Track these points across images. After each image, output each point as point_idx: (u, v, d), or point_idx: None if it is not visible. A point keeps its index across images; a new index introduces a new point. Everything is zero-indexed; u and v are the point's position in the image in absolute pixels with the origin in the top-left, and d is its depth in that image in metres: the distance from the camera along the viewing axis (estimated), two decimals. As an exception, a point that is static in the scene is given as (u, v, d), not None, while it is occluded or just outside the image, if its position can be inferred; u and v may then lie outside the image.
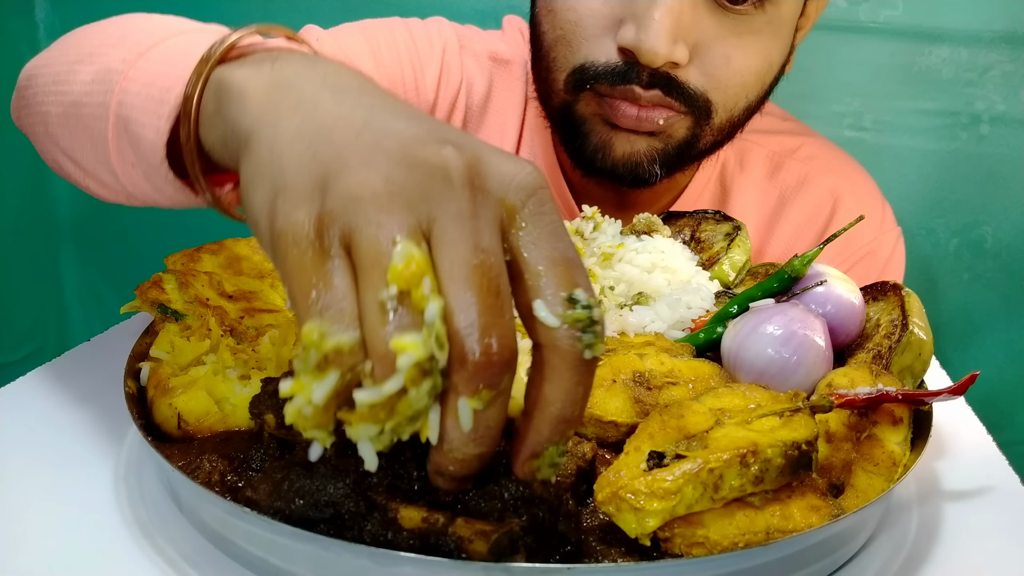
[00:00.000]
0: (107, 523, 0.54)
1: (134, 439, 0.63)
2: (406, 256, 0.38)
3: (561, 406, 0.41)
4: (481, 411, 0.39)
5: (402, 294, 0.38)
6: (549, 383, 0.41)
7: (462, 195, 0.40)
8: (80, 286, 1.88)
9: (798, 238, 1.10)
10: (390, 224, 0.39)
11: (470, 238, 0.39)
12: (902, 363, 0.63)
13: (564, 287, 0.40)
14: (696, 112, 0.91)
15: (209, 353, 0.64)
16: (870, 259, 1.09)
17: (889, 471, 0.55)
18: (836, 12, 1.51)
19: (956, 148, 1.55)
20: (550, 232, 0.41)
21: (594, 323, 0.40)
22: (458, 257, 0.39)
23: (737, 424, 0.50)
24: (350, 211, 0.39)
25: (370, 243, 0.39)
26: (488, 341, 0.38)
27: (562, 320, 0.40)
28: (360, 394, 0.38)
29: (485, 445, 0.41)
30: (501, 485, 0.45)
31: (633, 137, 0.92)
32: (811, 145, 1.14)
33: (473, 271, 0.39)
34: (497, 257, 0.40)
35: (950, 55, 1.50)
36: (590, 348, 0.40)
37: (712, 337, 0.68)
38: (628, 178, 0.95)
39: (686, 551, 0.46)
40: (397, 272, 0.38)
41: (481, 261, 0.39)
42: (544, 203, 0.42)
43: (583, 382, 0.41)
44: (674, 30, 0.83)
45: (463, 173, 0.40)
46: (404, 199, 0.40)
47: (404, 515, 0.44)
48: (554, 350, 0.41)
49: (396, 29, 1.07)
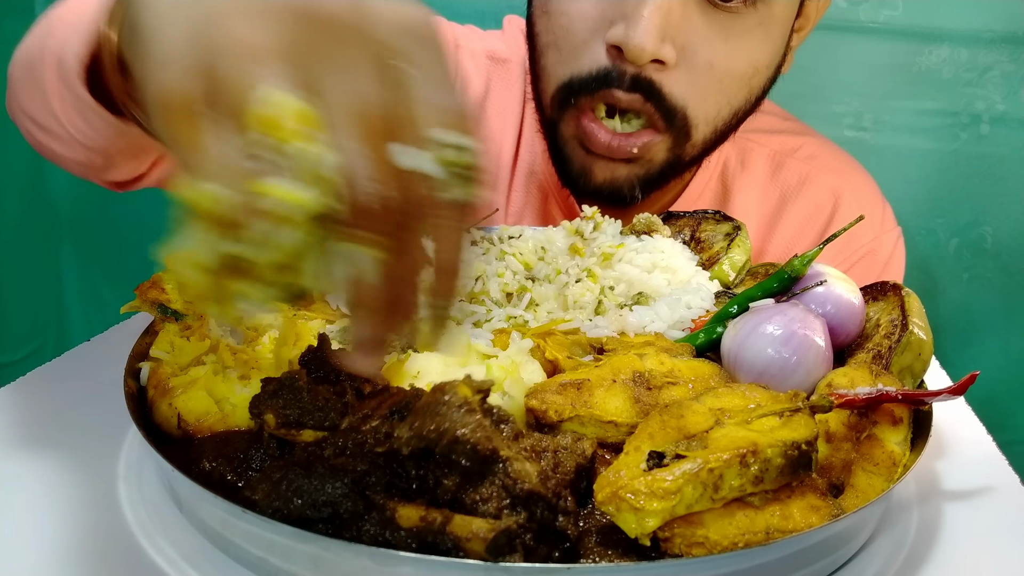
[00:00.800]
0: (107, 523, 0.54)
1: (134, 439, 0.63)
2: (267, 101, 0.38)
3: (451, 251, 0.43)
4: (388, 262, 0.39)
5: (265, 138, 0.37)
6: (434, 229, 0.42)
7: (344, 43, 0.39)
8: (80, 286, 1.88)
9: (799, 237, 1.11)
10: (257, 73, 0.39)
11: (353, 86, 0.39)
12: (902, 363, 0.63)
13: (445, 129, 0.40)
14: (673, 130, 0.91)
15: (209, 353, 0.64)
16: (870, 258, 1.09)
17: (889, 471, 0.55)
18: (836, 12, 1.51)
19: (956, 148, 1.55)
20: (429, 74, 0.41)
21: (471, 168, 0.40)
22: (342, 105, 0.39)
23: (737, 424, 0.50)
24: (221, 66, 0.39)
25: (234, 92, 0.39)
26: (376, 188, 0.38)
27: (438, 164, 0.40)
28: (227, 246, 0.37)
29: (400, 312, 0.41)
30: (500, 484, 0.45)
31: (612, 164, 0.93)
32: (812, 145, 1.14)
33: (357, 119, 0.38)
34: (382, 104, 0.39)
35: (950, 55, 1.50)
36: (467, 194, 0.41)
37: (712, 337, 0.68)
38: (610, 201, 0.96)
39: (686, 551, 0.46)
40: (259, 117, 0.38)
41: (365, 108, 0.39)
42: (428, 46, 0.41)
43: (462, 226, 0.42)
44: (662, 27, 0.83)
45: (344, 20, 0.40)
46: (279, 51, 0.39)
47: (402, 514, 0.44)
48: (430, 198, 0.41)
49: None
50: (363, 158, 0.38)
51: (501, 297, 0.78)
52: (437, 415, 0.46)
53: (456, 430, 0.45)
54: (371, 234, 0.39)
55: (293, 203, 0.37)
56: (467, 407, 0.46)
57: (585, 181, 0.95)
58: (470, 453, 0.45)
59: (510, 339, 0.67)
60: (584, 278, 0.78)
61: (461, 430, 0.45)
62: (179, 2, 0.43)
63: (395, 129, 0.40)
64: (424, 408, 0.46)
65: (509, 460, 0.45)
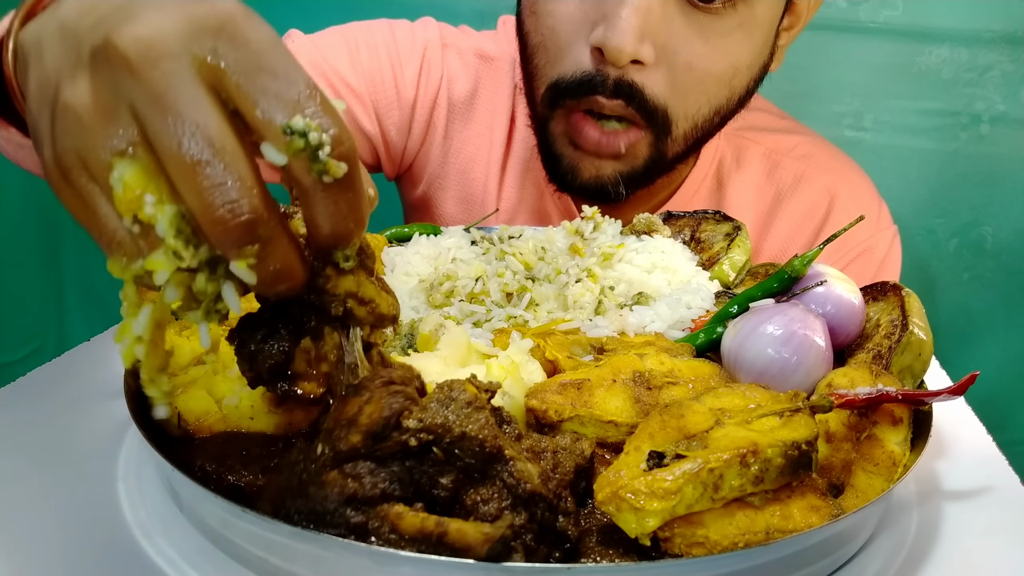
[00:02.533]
0: (107, 523, 0.54)
1: (134, 439, 0.63)
2: (121, 182, 0.39)
3: (330, 226, 0.42)
4: (258, 264, 0.40)
5: (135, 218, 0.40)
6: (308, 208, 0.42)
7: (144, 77, 0.38)
8: (80, 286, 1.88)
9: (794, 236, 1.11)
10: (100, 148, 0.39)
11: (171, 122, 0.38)
12: (902, 363, 0.63)
13: (280, 117, 0.39)
14: (655, 127, 0.93)
15: (209, 353, 0.64)
16: (866, 256, 1.10)
17: (889, 471, 0.55)
18: (836, 12, 1.52)
19: (956, 148, 1.55)
20: (251, 65, 0.40)
21: (319, 147, 0.40)
22: (166, 149, 0.38)
23: (737, 424, 0.50)
24: (71, 143, 0.40)
25: (95, 173, 0.40)
26: (220, 212, 0.38)
27: (286, 155, 0.40)
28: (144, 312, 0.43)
29: (285, 281, 0.42)
30: (502, 484, 0.45)
31: (598, 161, 0.96)
32: (807, 143, 1.14)
33: (182, 157, 0.38)
34: (205, 125, 0.39)
35: (950, 55, 1.50)
36: (326, 173, 0.40)
37: (712, 337, 0.68)
38: (595, 197, 0.97)
39: (686, 551, 0.46)
40: (120, 201, 0.39)
41: (186, 141, 0.38)
42: (234, 37, 0.40)
43: (340, 200, 0.41)
44: (641, 28, 0.85)
45: (134, 52, 0.38)
46: (101, 108, 0.39)
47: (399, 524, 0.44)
48: (297, 183, 0.41)
49: (378, 30, 1.10)
50: (213, 189, 0.38)
51: (501, 297, 0.78)
52: (445, 410, 0.46)
53: (465, 426, 0.45)
54: (236, 249, 0.40)
55: (178, 264, 0.41)
56: (476, 404, 0.46)
57: (572, 177, 0.98)
58: (476, 450, 0.45)
59: (510, 339, 0.67)
60: (584, 278, 0.78)
61: (469, 426, 0.45)
62: (32, 57, 0.43)
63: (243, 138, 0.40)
64: (432, 402, 0.46)
65: (513, 460, 0.45)
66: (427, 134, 1.13)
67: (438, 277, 0.80)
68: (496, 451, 0.45)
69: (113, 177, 0.39)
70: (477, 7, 1.52)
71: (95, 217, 0.41)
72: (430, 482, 0.46)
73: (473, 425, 0.45)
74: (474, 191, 1.14)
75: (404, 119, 1.10)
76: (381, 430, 0.45)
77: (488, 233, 0.92)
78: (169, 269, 0.41)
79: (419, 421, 0.45)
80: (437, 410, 0.45)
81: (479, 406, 0.46)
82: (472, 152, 1.13)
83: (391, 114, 1.09)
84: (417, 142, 1.13)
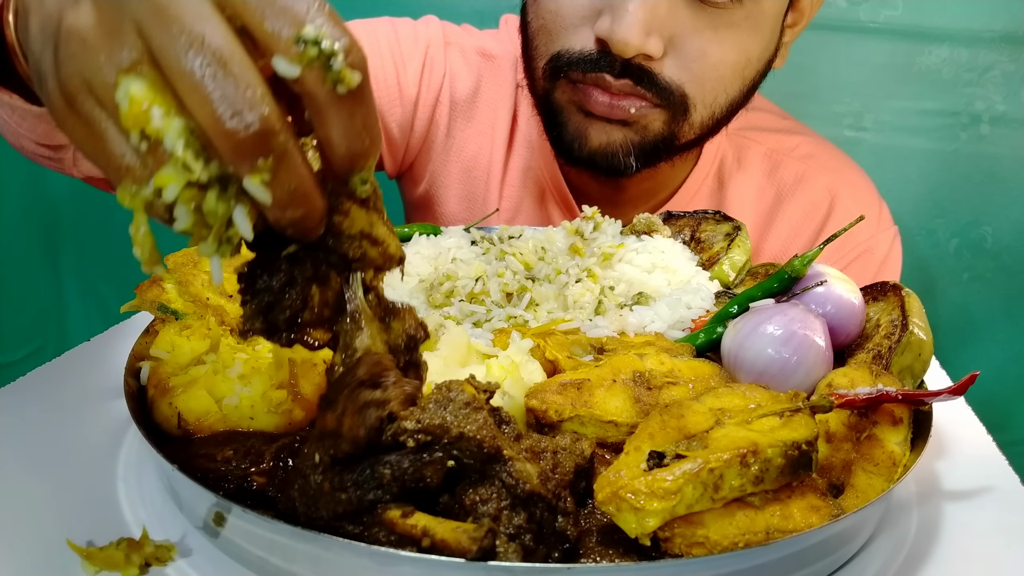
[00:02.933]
0: (107, 523, 0.54)
1: (134, 439, 0.63)
2: (128, 97, 0.38)
3: (347, 143, 0.41)
4: (273, 180, 0.39)
5: (143, 134, 0.39)
6: (322, 127, 0.41)
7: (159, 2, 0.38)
8: (80, 286, 1.88)
9: (795, 235, 1.11)
10: (105, 67, 0.38)
11: (176, 34, 0.38)
12: (902, 363, 0.63)
13: (290, 29, 0.39)
14: (671, 106, 0.92)
15: (209, 353, 0.64)
16: (866, 257, 1.10)
17: (889, 471, 0.55)
18: (836, 12, 1.52)
19: (956, 148, 1.55)
20: None
21: (331, 56, 0.39)
22: (172, 63, 0.38)
23: (737, 424, 0.50)
24: (75, 67, 0.39)
25: (100, 94, 0.39)
26: (231, 123, 0.38)
27: (299, 65, 0.39)
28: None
29: (301, 204, 0.41)
30: (501, 484, 0.45)
31: (608, 127, 0.94)
32: (808, 144, 1.14)
33: (189, 70, 0.38)
34: (211, 36, 0.38)
35: (950, 55, 1.51)
36: (341, 83, 0.39)
37: (712, 337, 0.68)
38: (604, 168, 0.96)
39: (686, 551, 0.46)
40: (127, 116, 0.38)
41: (192, 54, 0.38)
42: None
43: (355, 113, 0.41)
44: (648, 22, 0.84)
45: None
46: (105, 28, 0.39)
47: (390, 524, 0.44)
48: (310, 97, 0.40)
49: (381, 28, 1.10)
50: (223, 99, 0.38)
51: (501, 297, 0.78)
52: (443, 410, 0.45)
53: (463, 427, 0.45)
54: (248, 164, 0.39)
55: (187, 180, 0.39)
56: (474, 404, 0.46)
57: (580, 145, 0.95)
58: (475, 450, 0.45)
59: (510, 339, 0.67)
60: (584, 278, 0.78)
61: (467, 427, 0.45)
62: (33, 4, 0.43)
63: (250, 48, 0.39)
64: (430, 403, 0.46)
65: (512, 460, 0.45)
66: (429, 132, 1.13)
67: (438, 277, 0.80)
68: (495, 451, 0.45)
69: (119, 94, 0.38)
70: (479, 6, 1.52)
71: (102, 143, 0.40)
72: (419, 477, 0.46)
73: (471, 425, 0.45)
74: (476, 189, 1.14)
75: (406, 117, 1.10)
76: (365, 445, 0.45)
77: (488, 233, 0.92)
78: (179, 183, 0.39)
79: (417, 422, 0.45)
80: (435, 411, 0.45)
81: (477, 406, 0.46)
82: (474, 150, 1.13)
83: (393, 111, 1.09)
84: (419, 140, 1.13)
